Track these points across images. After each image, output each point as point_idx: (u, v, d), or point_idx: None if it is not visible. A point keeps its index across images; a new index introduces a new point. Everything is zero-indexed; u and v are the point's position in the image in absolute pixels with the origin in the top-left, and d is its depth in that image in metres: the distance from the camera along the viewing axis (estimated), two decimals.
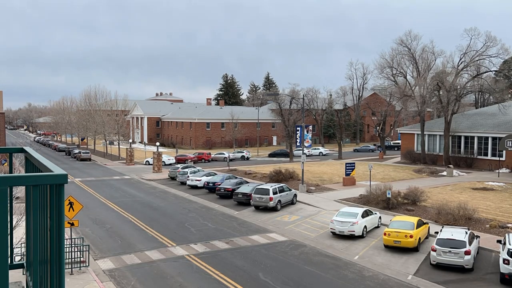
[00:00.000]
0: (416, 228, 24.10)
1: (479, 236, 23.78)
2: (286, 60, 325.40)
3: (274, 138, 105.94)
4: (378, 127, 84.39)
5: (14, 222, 14.84)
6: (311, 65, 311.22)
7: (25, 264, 4.14)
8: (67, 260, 20.20)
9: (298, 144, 48.97)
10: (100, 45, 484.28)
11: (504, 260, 18.98)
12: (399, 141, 76.77)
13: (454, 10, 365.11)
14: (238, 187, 38.73)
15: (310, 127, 51.78)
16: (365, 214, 27.43)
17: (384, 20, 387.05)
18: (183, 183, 47.74)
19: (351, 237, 26.40)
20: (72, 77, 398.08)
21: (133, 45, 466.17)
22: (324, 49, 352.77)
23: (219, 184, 41.44)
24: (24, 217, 4.89)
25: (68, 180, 3.00)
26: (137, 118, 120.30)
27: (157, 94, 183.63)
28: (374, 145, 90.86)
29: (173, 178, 51.71)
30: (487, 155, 54.45)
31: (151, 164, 64.23)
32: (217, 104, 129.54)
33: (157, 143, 67.21)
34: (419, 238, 24.15)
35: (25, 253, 5.49)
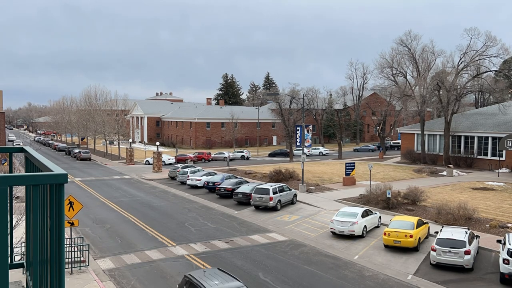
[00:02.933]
0: (416, 228, 24.10)
1: (479, 236, 23.78)
2: (250, 63, 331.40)
3: (274, 138, 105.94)
4: (378, 127, 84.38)
5: (14, 222, 14.84)
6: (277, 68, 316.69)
7: (25, 264, 4.15)
8: (67, 260, 20.20)
9: (298, 144, 48.97)
10: (65, 48, 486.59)
11: (504, 260, 18.98)
12: (399, 141, 76.75)
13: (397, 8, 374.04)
14: (238, 187, 38.73)
15: (310, 127, 51.80)
16: (365, 214, 27.43)
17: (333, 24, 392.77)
18: (183, 183, 47.74)
19: (351, 237, 26.40)
20: (53, 79, 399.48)
21: (97, 48, 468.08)
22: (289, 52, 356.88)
23: (219, 184, 41.43)
24: (24, 216, 4.89)
25: (68, 179, 3.00)
26: (137, 117, 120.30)
27: (157, 94, 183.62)
28: (373, 145, 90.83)
29: (173, 178, 51.71)
30: (487, 155, 54.44)
31: (151, 164, 64.21)
32: (217, 104, 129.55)
33: (157, 143, 67.20)
34: (419, 238, 24.15)
35: (25, 252, 5.49)
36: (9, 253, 3.43)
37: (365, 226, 26.82)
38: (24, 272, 4.25)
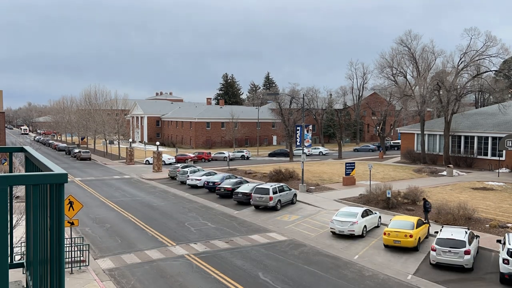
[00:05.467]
0: (416, 228, 24.11)
1: (479, 236, 23.78)
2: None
3: (274, 137, 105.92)
4: (378, 127, 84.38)
5: (14, 222, 14.84)
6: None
7: (25, 264, 4.15)
8: (67, 260, 20.21)
9: (298, 143, 48.97)
10: (37, 52, 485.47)
11: (503, 260, 18.99)
12: (399, 141, 76.74)
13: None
14: (238, 187, 38.72)
15: (310, 127, 51.80)
16: (365, 213, 27.44)
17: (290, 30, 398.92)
18: (183, 183, 47.73)
19: (351, 237, 26.40)
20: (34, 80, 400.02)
21: (69, 51, 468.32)
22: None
23: (219, 184, 41.41)
24: (24, 216, 4.89)
25: (68, 179, 3.00)
26: (137, 117, 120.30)
27: (157, 94, 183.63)
28: (373, 145, 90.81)
29: (173, 178, 51.70)
30: (487, 155, 54.44)
31: (151, 164, 64.21)
32: (217, 103, 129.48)
33: (157, 143, 67.19)
34: (419, 238, 24.16)
35: (25, 252, 5.50)
36: (9, 253, 3.44)
37: (365, 226, 26.83)
38: (24, 272, 4.26)
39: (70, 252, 20.90)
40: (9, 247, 3.23)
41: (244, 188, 37.20)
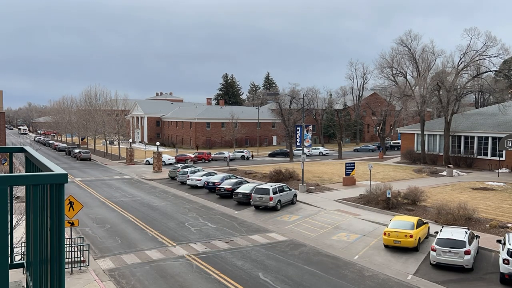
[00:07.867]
0: (416, 228, 24.10)
1: (479, 236, 23.77)
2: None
3: (274, 138, 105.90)
4: (378, 127, 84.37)
5: (14, 222, 14.85)
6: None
7: (25, 264, 4.15)
8: (67, 260, 20.22)
9: (298, 144, 48.93)
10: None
11: (504, 260, 18.99)
12: (399, 141, 76.74)
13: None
14: (238, 187, 38.71)
15: (310, 127, 51.75)
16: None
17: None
18: (183, 183, 47.72)
19: (348, 237, 26.32)
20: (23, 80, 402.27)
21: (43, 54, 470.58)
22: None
23: (219, 184, 41.41)
24: (24, 216, 4.90)
25: (68, 179, 3.00)
26: (137, 117, 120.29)
27: (157, 94, 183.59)
28: (373, 145, 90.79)
29: (173, 178, 51.69)
30: (487, 155, 54.43)
31: (151, 164, 64.19)
32: (217, 104, 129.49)
33: (157, 143, 67.19)
34: (419, 238, 24.15)
35: (25, 252, 5.50)
36: (9, 253, 3.44)
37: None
38: (24, 272, 4.26)
39: (70, 253, 20.90)
40: (9, 247, 3.23)
41: (244, 188, 37.19)
